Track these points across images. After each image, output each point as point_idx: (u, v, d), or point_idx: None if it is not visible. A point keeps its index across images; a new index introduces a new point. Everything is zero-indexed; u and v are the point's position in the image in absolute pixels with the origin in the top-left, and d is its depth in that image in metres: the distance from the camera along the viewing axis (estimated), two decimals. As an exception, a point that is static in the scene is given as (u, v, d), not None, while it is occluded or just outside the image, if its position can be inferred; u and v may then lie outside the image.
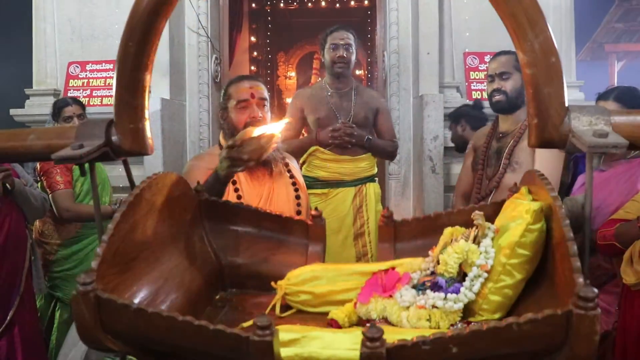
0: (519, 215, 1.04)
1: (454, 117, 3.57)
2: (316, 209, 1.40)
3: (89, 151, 1.00)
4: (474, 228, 1.12)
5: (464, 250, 1.07)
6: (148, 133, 1.09)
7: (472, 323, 1.01)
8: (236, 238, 1.38)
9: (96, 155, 1.02)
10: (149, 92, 1.09)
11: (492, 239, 1.07)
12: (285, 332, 0.89)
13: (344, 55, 3.01)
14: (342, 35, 3.04)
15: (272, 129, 1.67)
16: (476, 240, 1.09)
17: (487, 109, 3.22)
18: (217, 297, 1.31)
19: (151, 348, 0.91)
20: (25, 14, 4.51)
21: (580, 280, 0.79)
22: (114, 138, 1.06)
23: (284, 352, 0.85)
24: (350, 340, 0.89)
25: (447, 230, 1.16)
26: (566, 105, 0.96)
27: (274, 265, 1.35)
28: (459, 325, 1.01)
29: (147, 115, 1.08)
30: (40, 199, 2.75)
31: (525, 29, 0.93)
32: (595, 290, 0.75)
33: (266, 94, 2.04)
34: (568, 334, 0.76)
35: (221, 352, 0.81)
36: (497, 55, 2.44)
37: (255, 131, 1.65)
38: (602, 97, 2.42)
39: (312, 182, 3.04)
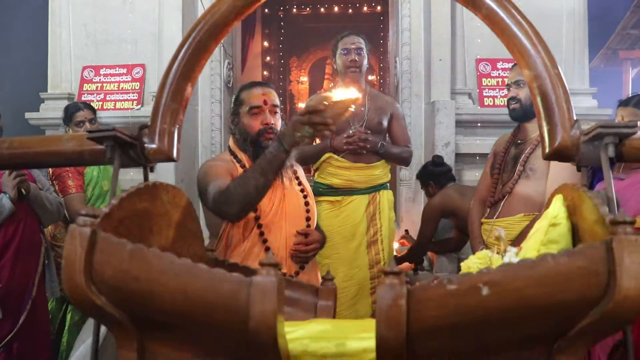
0: (543, 219, 1.03)
1: (422, 180, 3.63)
2: (328, 272, 1.39)
3: (121, 131, 1.03)
4: (495, 247, 1.11)
5: (487, 257, 1.05)
6: (178, 140, 1.12)
7: None
8: None
9: (125, 139, 1.04)
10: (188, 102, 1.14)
11: (516, 253, 1.05)
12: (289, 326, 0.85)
13: (356, 59, 3.01)
14: (353, 40, 3.04)
15: (350, 94, 1.61)
16: (499, 254, 1.08)
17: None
18: None
19: (133, 310, 0.85)
20: (41, 18, 4.57)
21: (610, 215, 0.75)
22: (144, 138, 1.09)
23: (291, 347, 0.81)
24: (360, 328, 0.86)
25: (464, 264, 1.15)
26: (573, 112, 1.00)
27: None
28: None
29: (181, 122, 1.13)
30: (56, 204, 2.77)
31: (527, 48, 1.02)
32: (630, 216, 0.70)
33: (278, 101, 2.05)
34: (610, 269, 0.68)
35: (217, 301, 0.75)
36: (515, 64, 2.44)
37: (335, 95, 1.59)
38: (622, 103, 2.44)
39: (325, 190, 3.04)
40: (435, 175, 3.51)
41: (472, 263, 1.06)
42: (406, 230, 3.84)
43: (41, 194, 2.67)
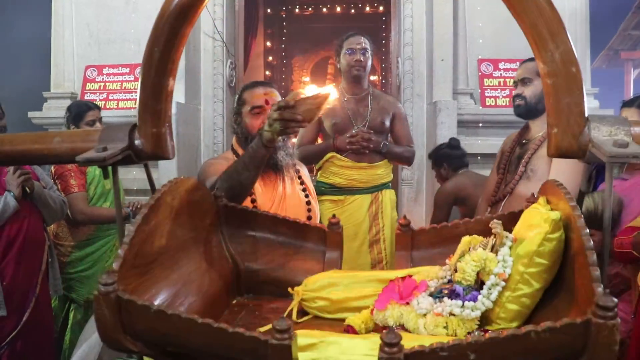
0: (538, 224, 1.03)
1: (435, 160, 3.53)
2: (334, 216, 1.40)
3: (113, 154, 1.02)
4: (492, 237, 1.11)
5: (482, 259, 1.06)
6: (170, 138, 1.10)
7: (490, 331, 1.00)
8: (254, 244, 1.38)
9: (119, 158, 1.03)
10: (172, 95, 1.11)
11: (510, 247, 1.06)
12: (302, 337, 0.89)
13: (361, 59, 3.03)
14: (359, 40, 3.06)
15: (325, 90, 1.56)
16: (494, 249, 1.08)
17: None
18: (234, 301, 1.32)
19: (171, 350, 0.92)
20: (44, 18, 4.58)
21: (600, 289, 0.79)
22: (136, 142, 1.07)
23: (301, 356, 0.85)
24: (368, 347, 0.89)
25: (465, 239, 1.16)
26: (586, 115, 0.96)
27: (291, 271, 1.35)
28: (476, 333, 1.01)
29: (169, 120, 1.10)
30: (59, 202, 2.79)
31: (546, 39, 0.94)
32: (615, 300, 0.75)
33: None
34: (587, 343, 0.76)
35: (239, 355, 0.82)
36: (524, 61, 2.44)
37: (308, 92, 1.57)
38: (626, 104, 2.45)
39: (328, 189, 3.05)
40: (450, 157, 3.44)
41: (467, 266, 1.07)
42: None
43: (45, 192, 2.68)
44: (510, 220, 1.19)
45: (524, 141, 2.41)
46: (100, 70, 4.45)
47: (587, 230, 0.89)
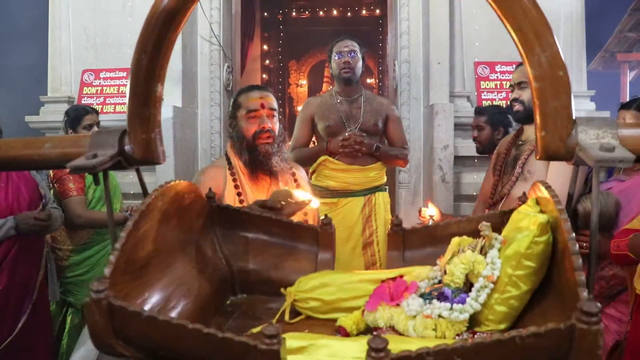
0: (526, 227, 1.04)
1: (493, 121, 3.20)
2: (326, 216, 1.41)
3: (102, 161, 1.01)
4: (481, 239, 1.12)
5: (470, 261, 1.07)
6: (160, 143, 1.10)
7: (478, 333, 1.02)
8: (247, 244, 1.39)
9: (109, 165, 1.03)
10: (162, 101, 1.11)
11: (499, 249, 1.07)
12: (292, 340, 0.90)
13: (349, 61, 3.07)
14: (346, 43, 3.12)
15: (307, 196, 1.76)
16: (483, 251, 1.10)
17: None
18: (228, 302, 1.32)
19: (162, 355, 0.93)
20: (42, 22, 4.58)
21: (585, 294, 0.80)
22: (126, 147, 1.06)
23: (291, 359, 0.86)
24: (357, 349, 0.90)
25: (455, 240, 1.17)
26: (573, 118, 0.96)
27: (283, 271, 1.35)
28: (465, 335, 1.01)
29: (159, 125, 1.09)
30: (60, 217, 2.80)
31: (533, 43, 0.94)
32: (599, 305, 0.76)
33: (275, 105, 2.06)
34: (570, 348, 0.77)
35: (230, 359, 0.83)
36: (519, 65, 2.45)
37: (295, 194, 1.74)
38: (623, 107, 2.46)
39: (322, 192, 3.06)
40: (510, 124, 3.13)
41: (456, 269, 1.08)
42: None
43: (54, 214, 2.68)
44: (502, 221, 1.20)
45: (519, 142, 2.42)
46: (97, 74, 4.45)
47: (574, 235, 0.90)
